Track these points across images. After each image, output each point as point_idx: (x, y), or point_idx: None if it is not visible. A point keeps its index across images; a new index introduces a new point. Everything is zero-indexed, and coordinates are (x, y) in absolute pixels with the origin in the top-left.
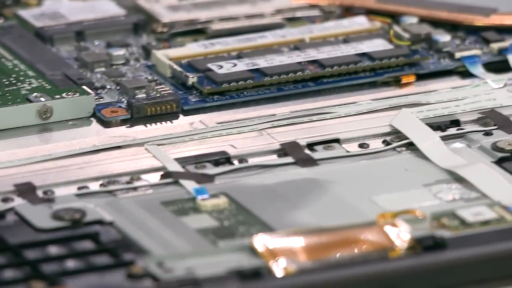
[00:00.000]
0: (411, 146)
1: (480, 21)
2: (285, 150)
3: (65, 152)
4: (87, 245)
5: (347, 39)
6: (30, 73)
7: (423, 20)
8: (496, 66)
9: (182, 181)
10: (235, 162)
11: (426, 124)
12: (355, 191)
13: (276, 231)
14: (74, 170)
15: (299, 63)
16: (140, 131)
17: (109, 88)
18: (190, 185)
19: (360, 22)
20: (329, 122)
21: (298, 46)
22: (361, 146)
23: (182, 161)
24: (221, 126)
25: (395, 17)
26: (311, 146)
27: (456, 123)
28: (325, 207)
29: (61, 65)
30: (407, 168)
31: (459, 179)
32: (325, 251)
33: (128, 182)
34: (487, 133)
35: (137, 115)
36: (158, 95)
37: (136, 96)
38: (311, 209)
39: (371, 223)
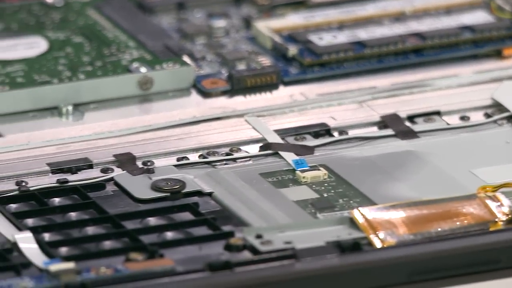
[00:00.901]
0: None
1: None
2: (385, 122)
3: (165, 123)
4: (186, 216)
5: (448, 11)
6: (131, 44)
7: None
8: None
9: (282, 153)
10: (335, 134)
11: None
12: (455, 164)
13: (376, 203)
14: (174, 141)
15: (400, 35)
16: (240, 103)
17: (209, 59)
18: (290, 157)
19: None
20: (430, 95)
21: (398, 18)
22: (462, 118)
23: (281, 132)
24: (321, 98)
25: None
26: (411, 118)
27: None
28: (425, 179)
29: (162, 36)
30: (508, 141)
31: None
32: (425, 224)
33: (227, 153)
34: None
35: (237, 87)
36: (258, 66)
37: (236, 68)
38: (411, 182)
39: (471, 196)
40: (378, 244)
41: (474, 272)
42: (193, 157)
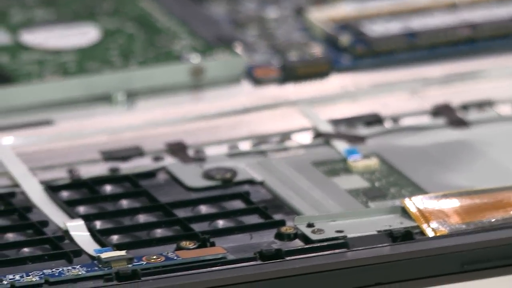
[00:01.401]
0: None
1: None
2: (437, 111)
3: (216, 112)
4: (237, 204)
5: (500, 0)
6: (183, 32)
7: None
8: None
9: (333, 142)
10: (387, 123)
11: None
12: (508, 154)
13: (428, 193)
14: (225, 129)
15: (452, 24)
16: (291, 92)
17: (261, 49)
18: (342, 146)
19: None
20: (482, 84)
21: (450, 8)
22: None
23: (333, 121)
24: (372, 87)
25: None
26: (463, 108)
27: None
28: (477, 169)
29: (214, 25)
30: None
31: None
32: (478, 213)
33: (279, 142)
34: None
35: (289, 76)
36: (310, 56)
37: (288, 57)
38: (463, 171)
39: None
40: (430, 234)
41: None
42: (245, 146)
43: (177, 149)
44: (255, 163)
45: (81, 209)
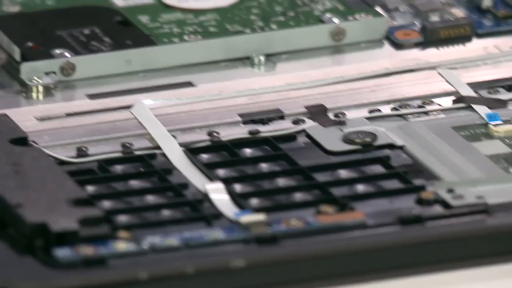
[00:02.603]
0: None
1: None
2: None
3: (357, 75)
4: (377, 169)
5: None
6: None
7: None
8: None
9: (475, 106)
10: None
11: None
12: None
13: None
14: (366, 93)
15: None
16: (432, 55)
17: (402, 11)
18: (483, 110)
19: None
20: None
21: None
22: None
23: (474, 85)
24: None
25: None
26: None
27: None
28: None
29: None
30: None
31: None
32: None
33: (419, 106)
34: None
35: (430, 38)
36: (452, 18)
37: (430, 19)
38: None
39: None
40: None
41: None
42: (385, 109)
43: (317, 112)
44: (395, 127)
45: (221, 172)
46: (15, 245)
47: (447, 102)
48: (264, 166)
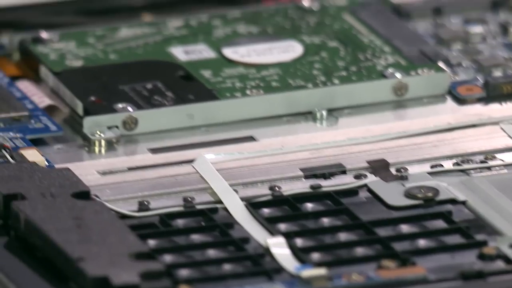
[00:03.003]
0: None
1: None
2: None
3: (419, 130)
4: (439, 224)
5: None
6: (386, 49)
7: None
8: None
9: None
10: None
11: None
12: None
13: None
14: (428, 147)
15: None
16: (495, 110)
17: (465, 66)
18: None
19: None
20: None
21: None
22: None
23: None
24: None
25: None
26: None
27: None
28: None
29: (417, 41)
30: None
31: None
32: None
33: (482, 161)
34: None
35: (493, 93)
36: None
37: (493, 74)
38: None
39: None
40: None
41: None
42: (447, 165)
43: (379, 166)
44: (457, 182)
45: (282, 226)
46: None
47: (510, 157)
48: (325, 221)
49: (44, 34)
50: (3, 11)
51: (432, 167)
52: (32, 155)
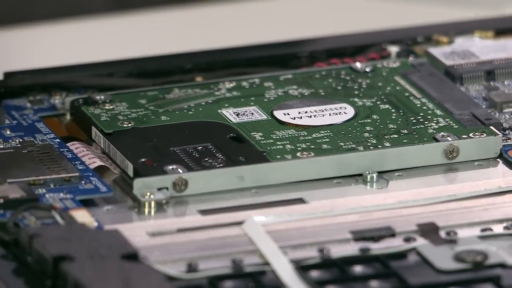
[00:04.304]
0: None
1: None
2: None
3: (469, 193)
4: None
5: None
6: (438, 112)
7: None
8: None
9: None
10: None
11: None
12: None
13: None
14: (478, 211)
15: None
16: None
17: None
18: None
19: None
20: None
21: None
22: None
23: None
24: None
25: None
26: None
27: None
28: None
29: (469, 104)
30: None
31: None
32: None
33: None
34: None
35: None
36: None
37: None
38: None
39: None
40: None
41: None
42: (498, 229)
43: (429, 230)
44: (507, 246)
45: None
46: None
47: None
48: (373, 284)
49: (96, 95)
50: (56, 72)
51: (482, 230)
52: (82, 216)
